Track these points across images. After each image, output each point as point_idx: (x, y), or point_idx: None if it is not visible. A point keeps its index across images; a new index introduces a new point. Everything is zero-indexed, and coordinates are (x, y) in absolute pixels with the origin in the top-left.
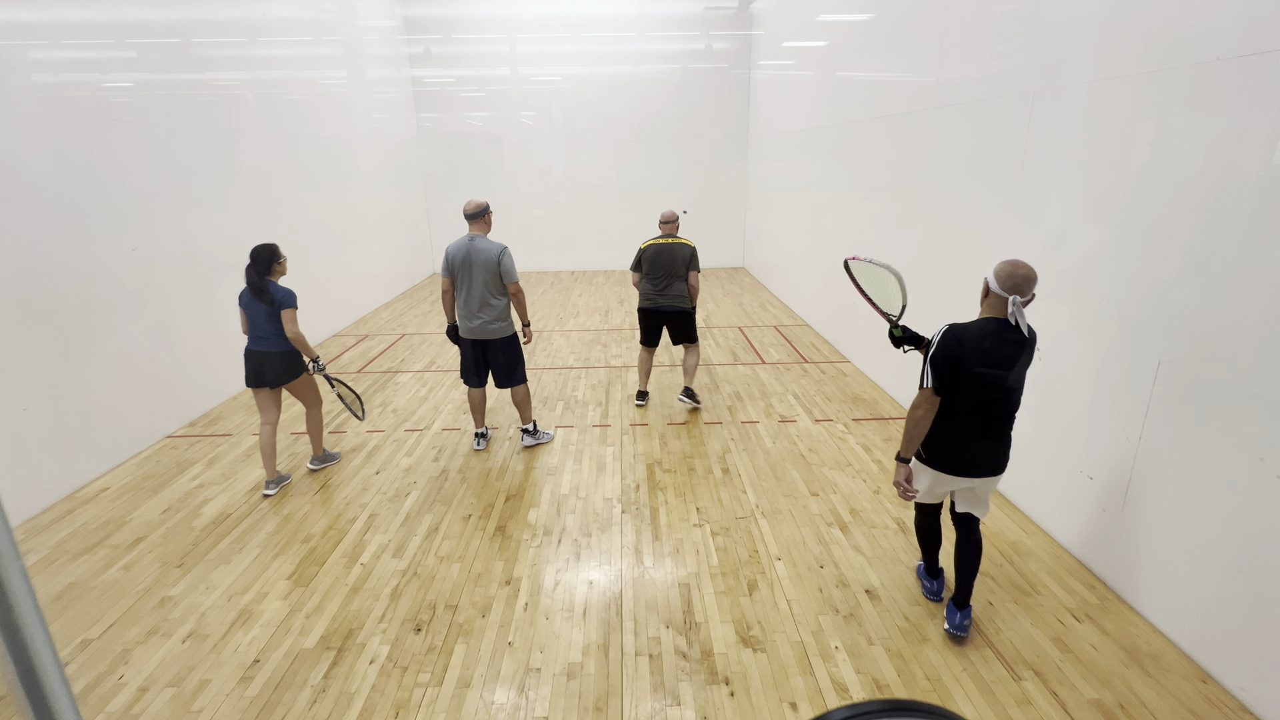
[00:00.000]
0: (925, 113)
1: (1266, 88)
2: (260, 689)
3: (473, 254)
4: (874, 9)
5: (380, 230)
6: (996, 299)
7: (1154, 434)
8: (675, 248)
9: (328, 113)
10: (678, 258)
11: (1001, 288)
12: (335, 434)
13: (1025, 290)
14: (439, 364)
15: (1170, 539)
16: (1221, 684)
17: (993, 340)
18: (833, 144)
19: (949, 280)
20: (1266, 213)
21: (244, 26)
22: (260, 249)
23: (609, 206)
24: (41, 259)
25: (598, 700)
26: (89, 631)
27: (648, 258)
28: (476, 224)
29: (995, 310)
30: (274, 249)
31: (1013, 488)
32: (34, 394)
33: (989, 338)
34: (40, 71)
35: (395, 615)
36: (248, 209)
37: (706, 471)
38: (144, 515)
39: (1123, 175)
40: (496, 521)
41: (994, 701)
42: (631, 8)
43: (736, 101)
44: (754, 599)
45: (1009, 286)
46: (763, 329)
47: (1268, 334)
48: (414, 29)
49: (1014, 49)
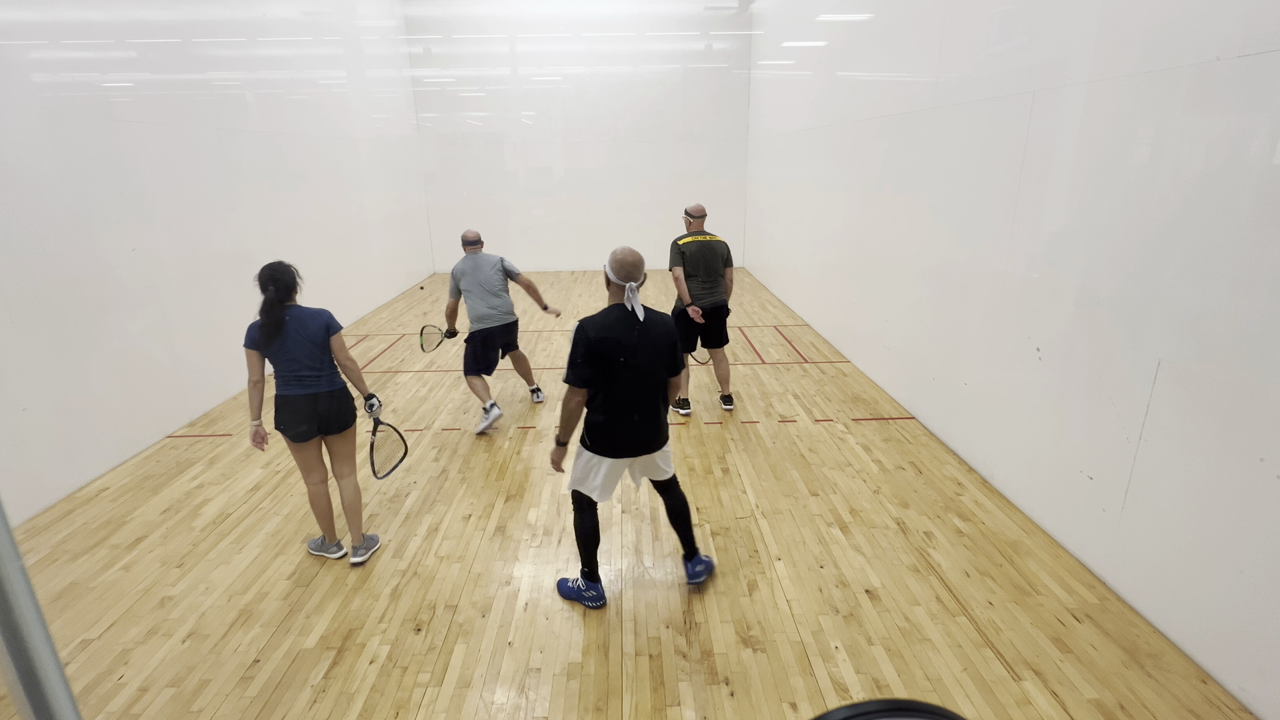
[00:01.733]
0: (925, 113)
1: (1266, 88)
2: (260, 689)
3: (479, 261)
4: (874, 9)
5: (380, 230)
6: (615, 288)
7: (1154, 434)
8: (714, 244)
9: (328, 113)
10: (718, 254)
11: (617, 277)
12: None
13: (637, 276)
14: (439, 364)
15: (1170, 539)
16: (1221, 684)
17: (618, 328)
18: (833, 144)
19: (949, 280)
20: (1266, 213)
21: (244, 26)
22: (280, 270)
23: (609, 206)
24: (41, 259)
25: (598, 700)
26: (89, 631)
27: (691, 254)
28: (475, 247)
29: (616, 298)
30: (292, 269)
31: (1013, 488)
32: (34, 394)
33: (613, 327)
34: (40, 71)
35: (395, 615)
36: (248, 209)
37: (706, 471)
38: (144, 515)
39: (1123, 175)
40: (496, 521)
41: (994, 701)
42: (631, 8)
43: (736, 101)
44: (754, 599)
45: (623, 275)
46: (763, 329)
47: (1268, 334)
48: (414, 29)
49: (1014, 49)
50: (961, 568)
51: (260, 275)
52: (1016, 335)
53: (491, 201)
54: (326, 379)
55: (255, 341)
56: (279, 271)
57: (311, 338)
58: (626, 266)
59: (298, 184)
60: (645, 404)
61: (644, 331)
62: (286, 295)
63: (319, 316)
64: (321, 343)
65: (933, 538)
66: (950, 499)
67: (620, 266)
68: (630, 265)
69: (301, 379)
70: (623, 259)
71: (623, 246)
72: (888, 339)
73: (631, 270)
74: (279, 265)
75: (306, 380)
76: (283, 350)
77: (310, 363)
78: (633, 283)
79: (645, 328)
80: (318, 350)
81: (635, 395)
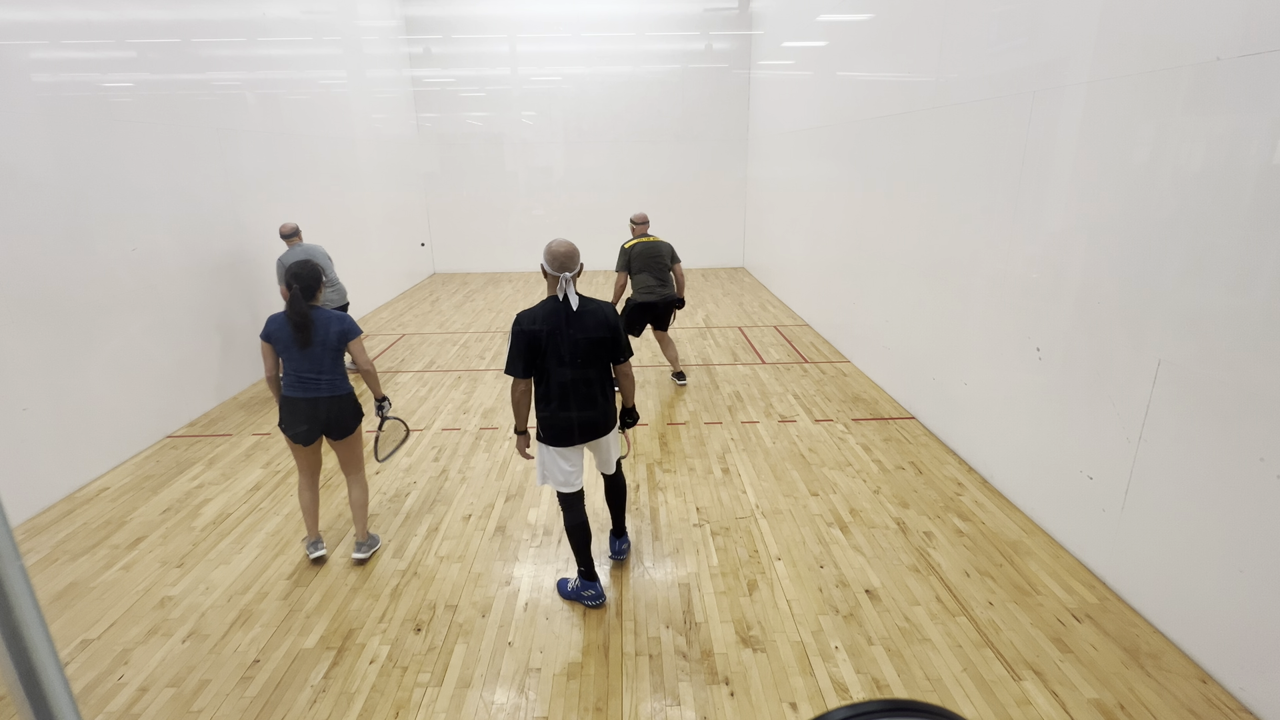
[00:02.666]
0: (925, 113)
1: (1266, 88)
2: (260, 689)
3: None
4: (874, 9)
5: (380, 230)
6: (551, 279)
7: (1154, 434)
8: (659, 245)
9: (328, 113)
10: (662, 253)
11: (552, 268)
12: None
13: (571, 266)
14: (439, 364)
15: (1170, 539)
16: (1221, 684)
17: (551, 319)
18: (833, 144)
19: (949, 280)
20: (1266, 213)
21: (244, 26)
22: (304, 268)
23: (609, 206)
24: (41, 259)
25: (598, 700)
26: (89, 631)
27: (637, 255)
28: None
29: (552, 289)
30: (317, 268)
31: (1013, 488)
32: (34, 394)
33: (546, 318)
34: (40, 71)
35: (395, 615)
36: (248, 209)
37: (706, 471)
38: (144, 515)
39: (1122, 175)
40: (496, 521)
41: (994, 701)
42: (631, 8)
43: (736, 101)
44: (754, 599)
45: (557, 266)
46: (763, 329)
47: (1268, 334)
48: (414, 29)
49: (1014, 49)
50: (961, 568)
51: (285, 273)
52: (1016, 335)
53: (491, 201)
54: (328, 384)
55: (270, 334)
56: (303, 270)
57: (324, 341)
58: (560, 258)
59: (298, 184)
60: (584, 391)
61: (577, 320)
62: (310, 295)
63: (338, 321)
64: (334, 348)
65: (933, 538)
66: (950, 499)
67: (554, 258)
68: (564, 256)
69: (304, 381)
70: (556, 251)
71: (557, 239)
72: (888, 339)
73: (565, 261)
74: (304, 263)
75: (308, 384)
76: (293, 350)
77: (315, 366)
78: (567, 273)
79: (578, 316)
80: (327, 355)
81: (574, 383)
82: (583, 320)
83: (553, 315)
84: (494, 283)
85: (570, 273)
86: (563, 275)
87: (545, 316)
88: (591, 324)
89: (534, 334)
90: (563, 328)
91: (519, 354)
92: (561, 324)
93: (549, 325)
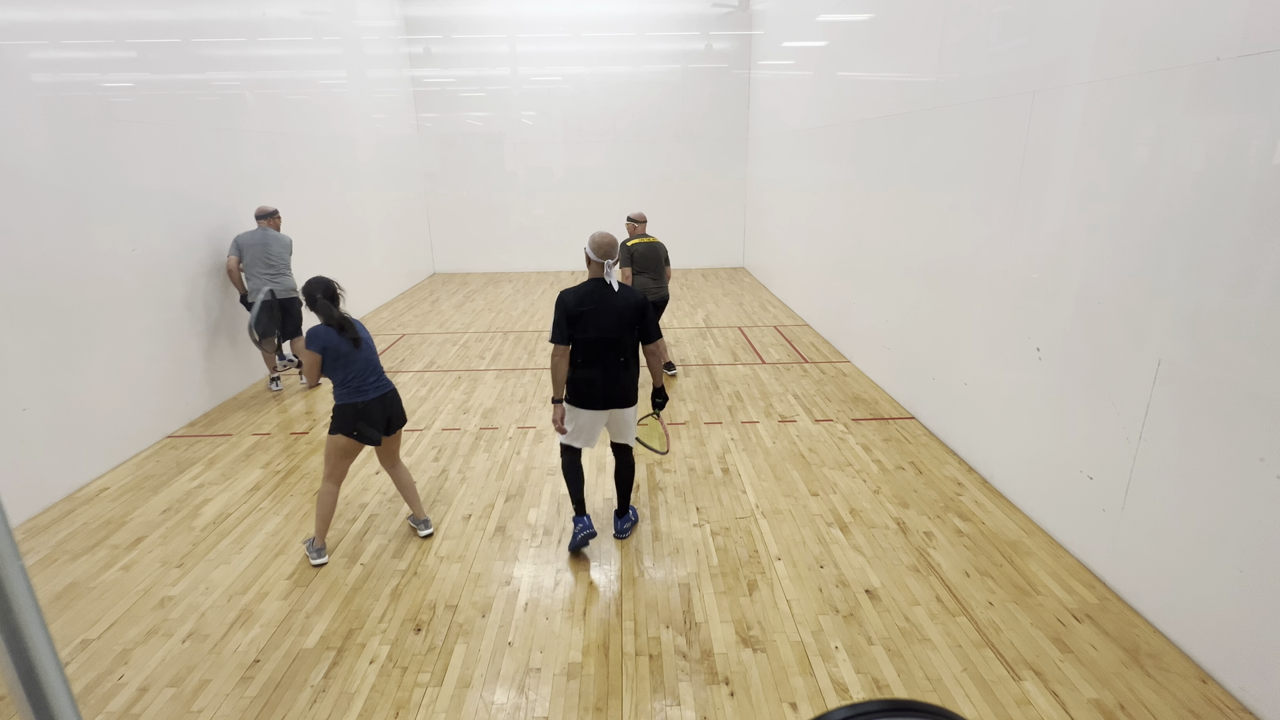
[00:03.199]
0: (925, 113)
1: (1266, 88)
2: (260, 689)
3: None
4: (874, 9)
5: (380, 230)
6: (595, 265)
7: (1154, 434)
8: (657, 245)
9: (328, 113)
10: (660, 253)
11: (597, 256)
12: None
13: (612, 254)
14: (439, 364)
15: (1170, 539)
16: (1221, 684)
17: (592, 298)
18: (833, 144)
19: (949, 280)
20: (1266, 213)
21: (244, 26)
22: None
23: (609, 206)
24: (42, 259)
25: (598, 700)
26: (89, 631)
27: (640, 256)
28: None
29: (596, 274)
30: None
31: (1013, 488)
32: (34, 394)
33: (588, 297)
34: (40, 71)
35: (395, 615)
36: (248, 209)
37: (706, 471)
38: (144, 515)
39: (1122, 175)
40: (496, 521)
41: (994, 701)
42: (631, 8)
43: (736, 101)
44: (754, 599)
45: (601, 254)
46: (763, 329)
47: (1268, 334)
48: (414, 29)
49: (1014, 49)
50: (961, 568)
51: (305, 289)
52: (1016, 335)
53: (491, 201)
54: (387, 380)
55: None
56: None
57: (368, 340)
58: (604, 246)
59: (298, 184)
60: (612, 362)
61: (614, 299)
62: (336, 301)
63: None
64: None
65: (933, 538)
66: (950, 499)
67: (599, 247)
68: (607, 245)
69: (369, 383)
70: (600, 241)
71: (600, 230)
72: (887, 339)
73: (609, 250)
74: (314, 279)
75: (373, 384)
76: (350, 355)
77: (372, 365)
78: (610, 260)
79: (616, 296)
80: (374, 351)
81: (604, 355)
82: (618, 300)
83: (594, 293)
84: (494, 283)
85: (612, 260)
86: (606, 261)
87: (588, 294)
88: (624, 305)
89: (576, 307)
90: (600, 305)
91: (562, 322)
92: (600, 301)
93: (590, 302)
